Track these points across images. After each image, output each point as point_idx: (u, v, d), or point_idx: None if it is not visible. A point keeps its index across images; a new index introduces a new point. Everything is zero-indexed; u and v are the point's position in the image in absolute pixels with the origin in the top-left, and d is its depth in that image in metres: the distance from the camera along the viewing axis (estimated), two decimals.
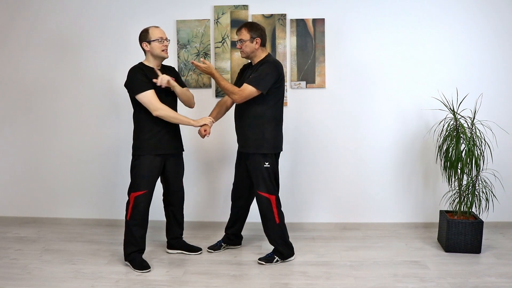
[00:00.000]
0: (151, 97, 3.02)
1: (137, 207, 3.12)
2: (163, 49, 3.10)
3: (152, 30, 3.10)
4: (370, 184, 3.94)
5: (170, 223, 3.43)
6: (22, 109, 4.08)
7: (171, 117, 3.08)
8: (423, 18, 3.78)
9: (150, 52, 3.10)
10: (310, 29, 3.82)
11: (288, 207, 3.91)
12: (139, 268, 3.13)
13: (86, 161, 4.07)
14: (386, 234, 3.82)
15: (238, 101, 3.13)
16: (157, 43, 3.07)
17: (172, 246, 3.47)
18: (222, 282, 2.98)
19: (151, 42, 3.07)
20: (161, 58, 3.14)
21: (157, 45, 3.08)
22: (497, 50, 3.77)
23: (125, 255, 3.20)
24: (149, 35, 3.07)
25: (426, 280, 2.95)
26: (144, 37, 3.09)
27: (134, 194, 3.12)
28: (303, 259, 3.33)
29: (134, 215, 3.13)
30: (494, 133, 3.63)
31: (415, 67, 3.82)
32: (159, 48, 3.08)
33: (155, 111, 3.03)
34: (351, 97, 3.88)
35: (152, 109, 3.03)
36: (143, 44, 3.10)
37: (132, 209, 3.12)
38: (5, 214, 4.20)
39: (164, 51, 3.11)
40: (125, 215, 3.16)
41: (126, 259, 3.20)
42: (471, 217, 3.46)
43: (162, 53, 3.11)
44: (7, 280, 3.00)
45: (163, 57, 3.14)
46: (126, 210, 3.15)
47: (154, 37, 3.07)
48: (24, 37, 4.00)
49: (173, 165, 3.28)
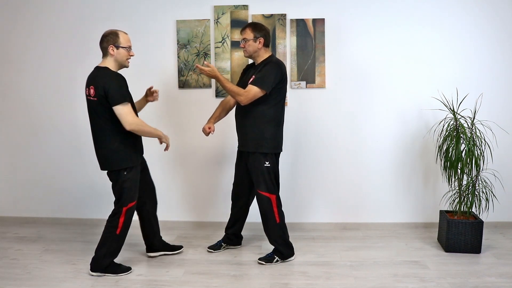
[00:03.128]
0: (130, 110, 2.89)
1: (129, 219, 3.05)
2: (129, 58, 2.98)
3: (123, 35, 2.94)
4: (370, 184, 3.94)
5: (149, 223, 3.30)
6: (22, 109, 4.08)
7: (146, 132, 2.97)
8: (423, 18, 3.78)
9: (115, 57, 2.93)
10: (310, 29, 3.82)
11: (288, 207, 3.90)
12: (122, 271, 3.06)
13: (86, 161, 4.06)
14: (386, 234, 3.82)
15: (244, 102, 3.10)
16: (125, 51, 2.94)
17: (154, 249, 3.36)
18: (222, 282, 2.98)
19: (119, 47, 2.92)
20: (123, 66, 3.00)
21: (124, 53, 2.94)
22: (497, 50, 3.77)
23: (101, 267, 3.02)
24: (120, 40, 2.91)
25: (426, 280, 2.95)
26: (113, 40, 2.91)
27: (126, 208, 3.01)
28: (303, 259, 3.33)
29: (124, 227, 3.03)
30: (494, 133, 3.63)
31: (415, 67, 3.82)
32: (126, 56, 2.96)
33: (131, 124, 2.86)
34: (351, 97, 3.88)
35: (128, 121, 2.86)
36: (109, 47, 2.90)
37: (124, 222, 3.01)
38: (5, 214, 4.20)
39: (128, 60, 3.00)
40: (113, 230, 3.00)
41: (102, 271, 3.03)
42: (471, 217, 3.46)
43: (126, 62, 2.99)
44: (7, 280, 3.00)
45: (125, 66, 3.01)
46: (115, 225, 3.00)
47: (124, 44, 2.93)
48: (26, 35, 4.00)
49: (144, 164, 3.25)
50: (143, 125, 2.95)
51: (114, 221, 3.02)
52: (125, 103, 2.87)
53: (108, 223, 3.04)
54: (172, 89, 3.94)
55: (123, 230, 3.04)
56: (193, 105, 3.91)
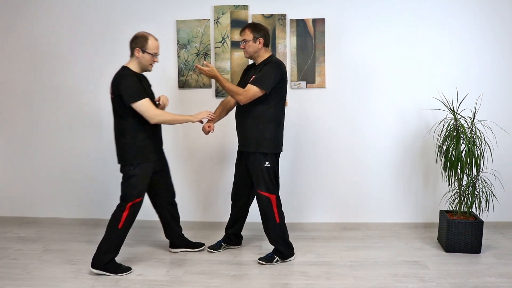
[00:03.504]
0: (148, 105, 2.98)
1: (132, 216, 3.09)
2: (152, 64, 3.07)
3: (152, 41, 3.02)
4: (370, 184, 3.94)
5: (169, 223, 3.41)
6: (22, 109, 4.08)
7: (171, 120, 3.07)
8: (423, 18, 3.77)
9: (139, 60, 3.03)
10: (310, 29, 3.82)
11: (288, 207, 3.90)
12: (122, 271, 3.08)
13: (86, 161, 4.07)
14: (386, 234, 3.82)
15: (243, 102, 3.11)
16: (150, 56, 3.03)
17: (175, 245, 3.47)
18: (222, 282, 2.98)
19: (145, 52, 3.00)
20: (145, 70, 3.09)
21: (149, 58, 3.03)
22: (497, 50, 3.77)
23: (101, 263, 3.04)
24: (147, 46, 3.00)
25: (426, 280, 2.95)
26: (141, 43, 3.01)
27: (131, 203, 3.05)
28: (303, 259, 3.33)
29: (127, 224, 3.07)
30: (494, 133, 3.63)
31: (415, 67, 3.82)
32: (149, 61, 3.04)
33: (154, 118, 2.98)
34: (351, 97, 3.88)
35: (150, 116, 2.97)
36: (136, 49, 3.01)
37: (126, 217, 3.05)
38: (5, 214, 4.20)
39: (152, 65, 3.08)
40: (115, 224, 3.04)
41: (101, 268, 3.05)
42: (471, 217, 3.46)
43: (149, 67, 3.08)
44: (7, 280, 3.00)
45: (148, 70, 3.10)
46: (118, 219, 3.04)
47: (150, 50, 3.01)
48: (25, 38, 4.00)
49: (163, 165, 3.29)
50: (167, 115, 3.05)
51: (117, 215, 3.06)
52: (140, 100, 2.95)
53: (112, 217, 3.08)
54: (172, 89, 3.94)
55: (125, 225, 3.07)
56: (193, 105, 3.91)
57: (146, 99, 2.98)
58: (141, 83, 3.03)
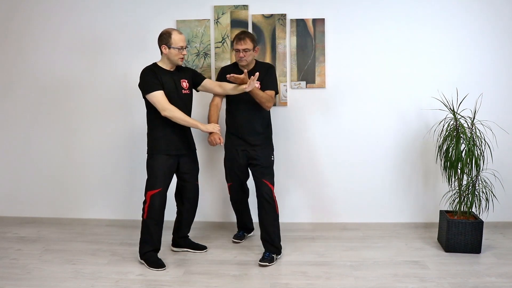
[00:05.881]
0: (160, 98, 3.06)
1: (153, 206, 3.15)
2: (181, 57, 3.14)
3: (175, 36, 3.09)
4: (370, 184, 3.94)
5: (180, 222, 3.44)
6: (22, 109, 4.08)
7: (178, 118, 3.10)
8: (423, 18, 3.77)
9: (167, 56, 3.13)
10: (310, 29, 3.82)
11: (287, 207, 3.92)
12: (154, 266, 3.16)
13: (86, 161, 4.06)
14: (386, 234, 3.82)
15: (270, 107, 3.35)
16: (176, 51, 3.10)
17: (178, 245, 3.49)
18: (222, 282, 2.98)
19: (170, 47, 3.09)
20: (176, 64, 3.19)
21: (175, 52, 3.11)
22: (497, 50, 3.77)
23: (140, 254, 3.24)
24: (171, 41, 3.08)
25: (426, 280, 2.95)
26: (165, 40, 3.09)
27: (150, 193, 3.15)
28: (303, 259, 3.33)
29: (150, 214, 3.16)
30: (494, 133, 3.63)
31: (415, 67, 3.81)
32: (177, 56, 3.12)
33: (163, 111, 3.06)
34: (351, 97, 3.88)
35: (160, 109, 3.06)
36: (162, 46, 3.11)
37: (149, 207, 3.16)
38: (5, 214, 4.20)
39: (181, 59, 3.16)
40: (142, 214, 3.19)
41: (142, 258, 3.24)
42: (471, 217, 3.46)
43: (178, 61, 3.16)
44: (7, 280, 3.00)
45: (178, 64, 3.19)
46: (143, 209, 3.18)
47: (175, 45, 3.09)
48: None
49: (187, 164, 3.31)
50: (178, 112, 3.10)
51: (143, 206, 3.20)
52: (153, 92, 3.05)
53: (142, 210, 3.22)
54: None
55: (149, 217, 3.17)
56: (193, 105, 3.90)
57: (159, 91, 3.06)
58: (157, 76, 3.09)
